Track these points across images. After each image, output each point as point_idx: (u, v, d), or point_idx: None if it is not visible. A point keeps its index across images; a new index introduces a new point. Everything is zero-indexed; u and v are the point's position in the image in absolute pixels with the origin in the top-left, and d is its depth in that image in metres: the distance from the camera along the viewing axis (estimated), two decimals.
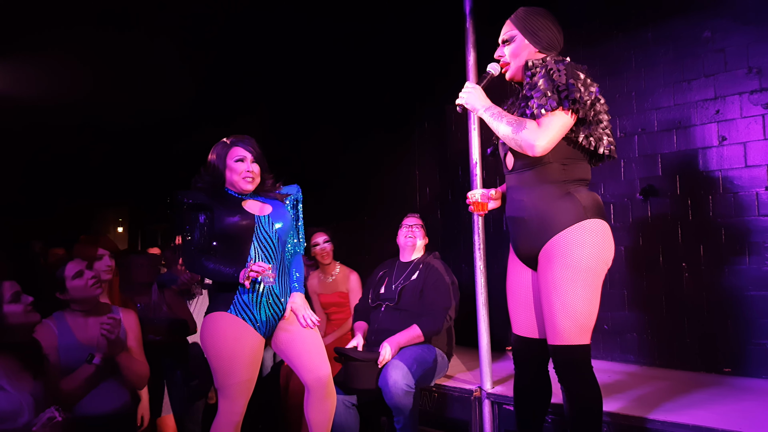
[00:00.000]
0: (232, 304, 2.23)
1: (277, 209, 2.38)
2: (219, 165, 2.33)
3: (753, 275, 2.97)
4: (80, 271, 2.37)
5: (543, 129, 1.84)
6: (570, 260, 1.87)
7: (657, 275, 3.31)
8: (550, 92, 1.85)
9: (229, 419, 2.18)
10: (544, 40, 2.03)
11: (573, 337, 1.86)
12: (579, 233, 1.88)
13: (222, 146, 2.37)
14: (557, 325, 1.88)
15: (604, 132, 1.95)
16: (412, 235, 3.21)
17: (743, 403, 2.52)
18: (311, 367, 2.32)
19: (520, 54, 2.04)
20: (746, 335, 2.98)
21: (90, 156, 7.93)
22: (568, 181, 1.95)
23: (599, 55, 3.56)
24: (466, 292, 3.16)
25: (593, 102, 1.89)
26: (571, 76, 1.85)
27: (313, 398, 2.32)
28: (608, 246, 1.94)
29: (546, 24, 2.03)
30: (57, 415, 1.84)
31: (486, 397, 2.79)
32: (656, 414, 2.36)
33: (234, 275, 2.18)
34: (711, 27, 3.15)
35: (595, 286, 1.89)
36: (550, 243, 1.92)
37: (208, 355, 2.22)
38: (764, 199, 2.97)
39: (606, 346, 3.50)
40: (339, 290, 3.73)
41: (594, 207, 1.93)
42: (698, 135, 3.20)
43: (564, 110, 1.84)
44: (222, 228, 2.25)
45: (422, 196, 4.65)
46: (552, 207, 1.93)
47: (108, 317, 2.26)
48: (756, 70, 3.01)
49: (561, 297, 1.87)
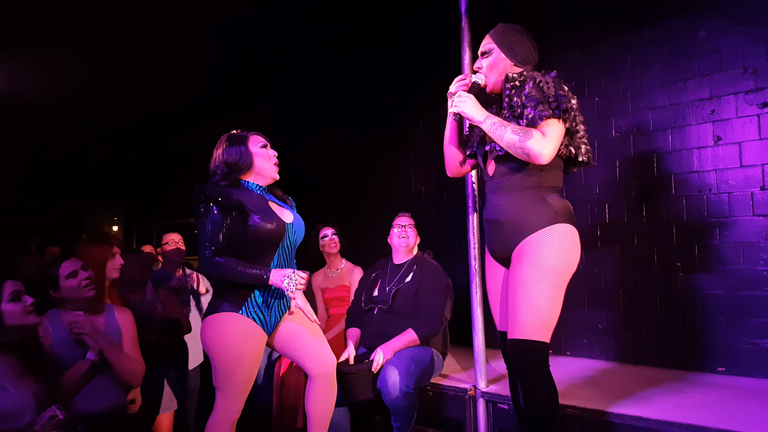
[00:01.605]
0: (244, 306, 2.18)
1: (295, 216, 2.36)
2: (245, 154, 2.25)
3: (747, 275, 2.98)
4: (74, 271, 2.36)
5: (548, 138, 1.94)
6: (538, 259, 1.97)
7: (651, 275, 3.32)
8: (543, 102, 1.96)
9: (226, 417, 2.17)
10: (519, 55, 2.15)
11: (533, 333, 1.93)
12: (549, 236, 1.99)
13: (237, 138, 2.29)
14: (519, 319, 1.96)
15: (581, 141, 2.09)
16: (406, 235, 3.17)
17: (737, 402, 2.53)
18: (318, 356, 2.31)
19: (497, 66, 2.16)
20: (740, 335, 2.99)
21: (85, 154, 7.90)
22: (543, 188, 2.07)
23: (595, 55, 3.57)
24: (460, 292, 3.16)
25: (575, 114, 2.04)
26: (558, 88, 1.98)
27: (317, 388, 2.30)
28: (575, 250, 2.04)
29: (522, 40, 2.16)
30: (59, 413, 1.86)
31: (480, 395, 2.79)
32: (651, 413, 2.37)
33: (263, 276, 2.11)
34: (706, 27, 3.16)
35: (559, 286, 1.98)
36: (522, 244, 2.03)
37: (213, 355, 2.17)
38: (759, 199, 2.98)
39: (600, 345, 3.51)
40: (343, 283, 3.78)
41: (565, 212, 2.04)
42: (693, 135, 3.21)
43: (559, 120, 1.97)
44: (256, 232, 2.16)
45: (417, 195, 4.65)
46: (526, 211, 2.04)
47: (73, 315, 2.27)
48: (752, 70, 3.01)
49: (525, 293, 1.95)
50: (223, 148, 2.28)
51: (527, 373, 1.95)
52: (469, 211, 2.81)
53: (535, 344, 1.93)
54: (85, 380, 2.27)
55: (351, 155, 5.17)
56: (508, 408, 2.68)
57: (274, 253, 2.24)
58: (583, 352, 3.59)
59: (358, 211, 5.04)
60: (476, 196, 2.84)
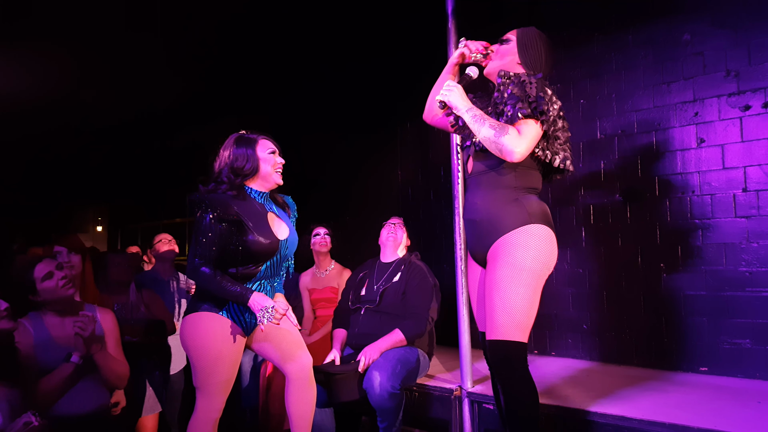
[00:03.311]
0: (225, 308, 2.18)
1: (291, 230, 2.37)
2: (252, 159, 2.24)
3: (729, 276, 3.02)
4: (50, 272, 2.33)
5: (523, 136, 1.95)
6: (511, 260, 1.97)
7: (635, 275, 3.35)
8: (523, 101, 1.98)
9: (207, 416, 2.16)
10: (528, 57, 2.16)
11: (509, 333, 1.94)
12: (522, 236, 1.99)
13: (246, 140, 2.28)
14: (495, 320, 1.97)
15: (561, 147, 2.08)
16: (394, 232, 3.21)
17: (718, 401, 2.56)
18: (293, 356, 2.31)
19: (506, 57, 2.18)
20: (722, 335, 3.02)
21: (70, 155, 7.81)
22: (518, 188, 2.07)
23: (580, 57, 3.60)
24: (447, 293, 3.16)
25: (555, 119, 2.03)
26: (540, 90, 1.99)
27: (294, 388, 2.30)
28: (550, 250, 2.03)
29: (538, 46, 2.17)
30: (33, 420, 1.82)
31: (466, 396, 2.79)
32: (634, 412, 2.39)
33: (242, 296, 2.10)
34: (690, 30, 3.19)
35: (534, 286, 1.98)
36: (496, 244, 2.03)
37: (192, 354, 2.17)
38: (741, 200, 3.01)
39: (585, 345, 3.53)
40: (331, 285, 3.76)
41: (539, 213, 2.04)
42: (677, 137, 3.24)
43: (536, 121, 1.98)
44: (250, 247, 2.16)
45: (404, 196, 4.65)
46: (500, 210, 2.05)
47: (81, 314, 2.24)
48: (734, 74, 3.05)
49: (500, 294, 1.96)
50: (231, 150, 2.26)
51: (506, 373, 1.96)
52: (455, 212, 2.82)
53: (512, 344, 1.94)
54: (68, 383, 2.24)
55: (337, 156, 5.16)
56: (493, 408, 2.69)
57: (264, 263, 2.25)
58: (567, 351, 3.61)
59: (344, 211, 5.03)
60: (464, 197, 2.85)
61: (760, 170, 2.97)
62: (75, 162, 8.16)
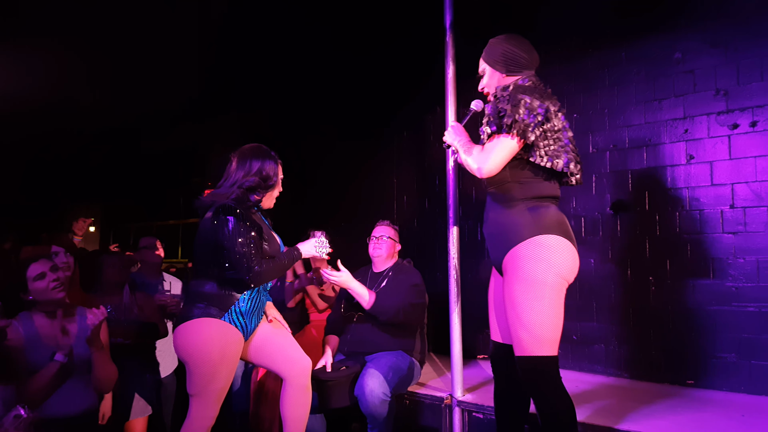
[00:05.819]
0: (227, 312, 2.19)
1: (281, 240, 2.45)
2: (275, 175, 2.36)
3: (716, 290, 3.07)
4: (42, 273, 2.35)
5: (485, 153, 2.01)
6: (521, 274, 1.96)
7: (625, 288, 3.39)
8: (493, 117, 2.00)
9: (202, 424, 2.15)
10: (505, 65, 2.16)
11: (532, 348, 1.92)
12: (530, 248, 1.96)
13: (274, 157, 2.37)
14: (517, 336, 1.96)
15: (563, 149, 2.02)
16: (380, 247, 3.22)
17: (703, 414, 2.60)
18: (292, 359, 2.34)
19: (491, 80, 2.22)
20: (709, 349, 3.07)
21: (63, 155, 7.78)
22: (527, 199, 2.04)
23: (575, 72, 3.65)
24: (439, 301, 3.19)
25: (541, 122, 1.96)
26: (511, 101, 1.96)
27: (292, 391, 2.32)
28: (562, 260, 1.97)
29: (506, 48, 2.16)
30: (23, 412, 1.83)
31: (456, 404, 2.82)
32: (621, 424, 2.43)
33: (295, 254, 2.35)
34: (682, 49, 3.26)
35: (548, 298, 1.93)
36: (507, 257, 2.03)
37: (192, 360, 2.15)
38: (728, 216, 3.07)
39: (574, 356, 3.57)
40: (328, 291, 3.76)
41: (551, 224, 2.00)
42: (667, 153, 3.30)
43: (506, 134, 1.96)
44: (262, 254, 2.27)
45: (400, 204, 4.68)
46: (507, 224, 2.05)
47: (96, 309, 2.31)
48: (723, 92, 3.12)
49: (515, 309, 1.96)
50: (263, 160, 2.32)
51: (538, 390, 1.93)
52: (450, 222, 2.85)
53: (536, 360, 1.91)
54: (55, 382, 2.24)
55: (334, 163, 5.19)
56: (483, 417, 2.72)
57: None
58: None
59: (339, 218, 5.05)
60: (458, 207, 2.89)
61: (747, 187, 3.03)
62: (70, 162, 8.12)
